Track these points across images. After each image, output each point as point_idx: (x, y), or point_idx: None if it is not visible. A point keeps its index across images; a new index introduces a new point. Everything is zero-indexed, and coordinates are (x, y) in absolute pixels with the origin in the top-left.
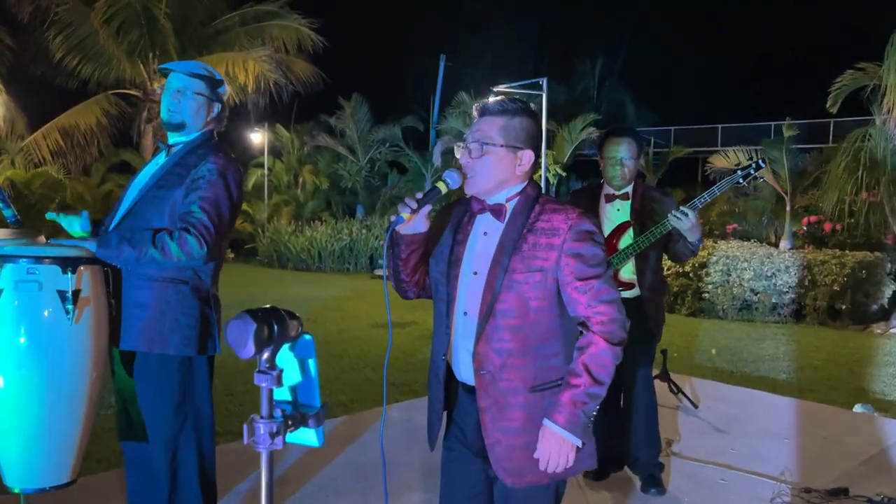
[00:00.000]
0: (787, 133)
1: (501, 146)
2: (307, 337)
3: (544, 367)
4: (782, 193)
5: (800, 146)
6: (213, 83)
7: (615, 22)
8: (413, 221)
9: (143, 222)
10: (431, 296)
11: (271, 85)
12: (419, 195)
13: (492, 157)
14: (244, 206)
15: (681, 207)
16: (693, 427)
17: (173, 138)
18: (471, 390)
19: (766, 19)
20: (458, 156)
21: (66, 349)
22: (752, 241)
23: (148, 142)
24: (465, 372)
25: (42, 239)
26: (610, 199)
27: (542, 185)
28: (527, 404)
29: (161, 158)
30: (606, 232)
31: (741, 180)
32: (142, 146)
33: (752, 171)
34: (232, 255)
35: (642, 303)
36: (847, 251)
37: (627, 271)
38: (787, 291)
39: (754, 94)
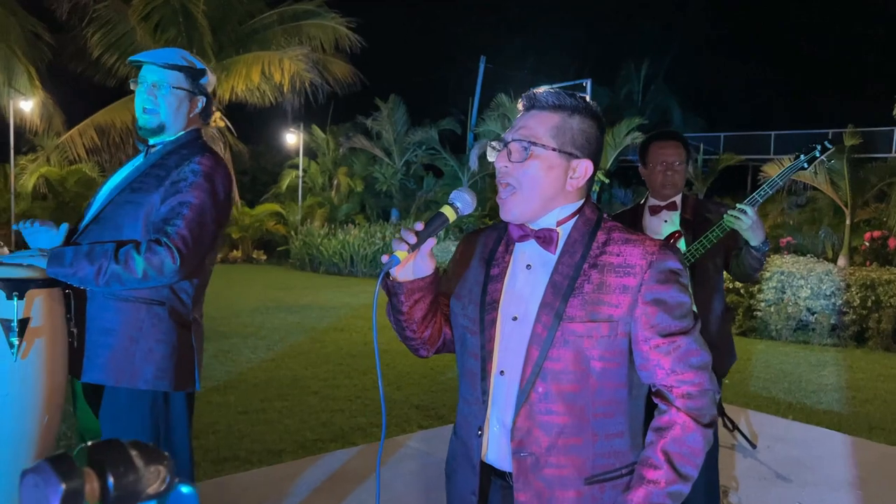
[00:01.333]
0: (848, 142)
1: (553, 150)
2: (186, 489)
3: (606, 451)
4: (841, 206)
5: (860, 155)
6: (194, 73)
7: (662, 24)
8: (413, 262)
9: (112, 231)
10: (454, 349)
11: (306, 85)
12: (418, 226)
13: (539, 164)
14: (277, 208)
15: (738, 205)
16: (752, 472)
17: (154, 139)
18: (503, 475)
19: (820, 23)
20: (491, 158)
21: (8, 390)
22: (808, 255)
23: None
24: (495, 451)
25: None
26: (656, 210)
27: None
28: (580, 500)
29: (139, 160)
30: None
31: (806, 165)
32: None
33: (818, 154)
34: (264, 257)
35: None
36: None
37: None
38: (848, 312)
39: (808, 101)
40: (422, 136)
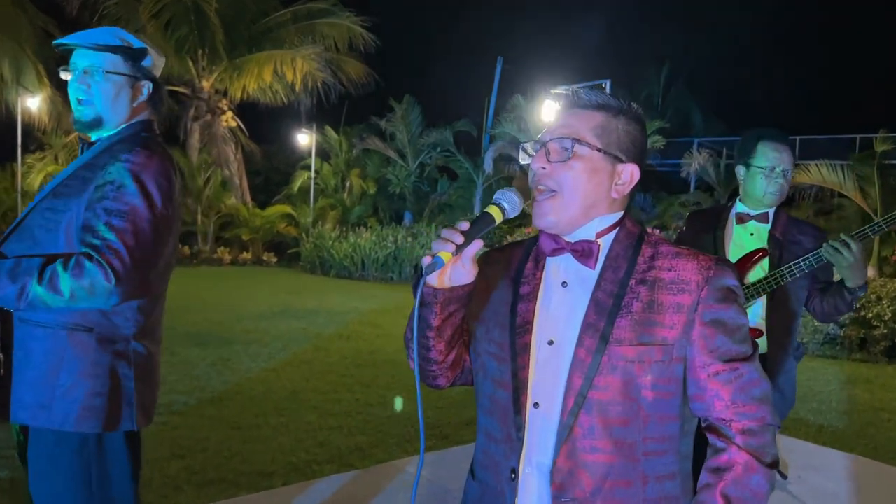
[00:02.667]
0: (879, 147)
1: (598, 150)
2: None
3: (657, 495)
4: (871, 214)
5: (891, 162)
6: (134, 55)
7: (682, 26)
8: (451, 267)
9: (29, 244)
10: (471, 381)
11: (319, 84)
12: (463, 225)
13: (582, 165)
14: (288, 209)
15: (842, 235)
16: None
17: (94, 135)
18: None
19: (846, 25)
20: (525, 162)
21: None
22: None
23: (195, 140)
24: (527, 497)
25: None
26: (743, 219)
27: None
28: None
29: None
30: (731, 258)
31: None
32: (188, 144)
33: None
34: (275, 260)
35: (766, 363)
36: None
37: (754, 314)
38: (879, 326)
39: (834, 105)
40: (436, 137)
